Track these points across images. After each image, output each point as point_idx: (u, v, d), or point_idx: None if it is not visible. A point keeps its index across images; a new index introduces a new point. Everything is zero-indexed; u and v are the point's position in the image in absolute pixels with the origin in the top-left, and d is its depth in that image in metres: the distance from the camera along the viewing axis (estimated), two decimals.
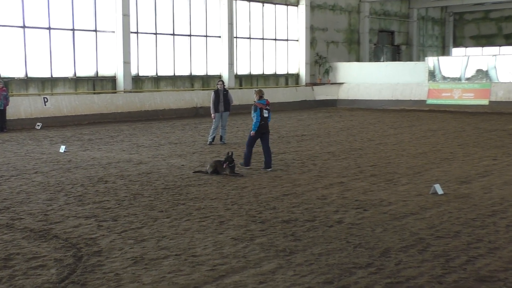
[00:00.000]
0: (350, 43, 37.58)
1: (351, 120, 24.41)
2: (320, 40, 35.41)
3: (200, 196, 9.90)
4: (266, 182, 11.06)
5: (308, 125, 22.32)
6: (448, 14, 46.95)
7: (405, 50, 42.38)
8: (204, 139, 17.68)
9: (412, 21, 42.44)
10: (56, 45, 23.71)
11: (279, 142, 17.16)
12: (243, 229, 7.82)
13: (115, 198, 9.76)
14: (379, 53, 40.63)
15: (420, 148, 15.75)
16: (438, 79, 30.45)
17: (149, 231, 7.71)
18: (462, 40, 47.57)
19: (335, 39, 36.44)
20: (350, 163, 13.34)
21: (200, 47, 29.10)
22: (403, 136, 18.69)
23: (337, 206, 9.10)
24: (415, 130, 20.30)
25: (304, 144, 16.75)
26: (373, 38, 39.55)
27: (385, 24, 40.76)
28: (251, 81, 31.71)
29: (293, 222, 8.17)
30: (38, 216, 8.53)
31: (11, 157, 14.28)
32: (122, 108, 24.60)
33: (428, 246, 7.05)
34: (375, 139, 17.96)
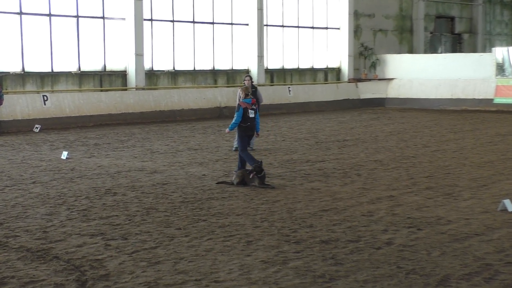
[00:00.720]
0: (401, 32, 37.35)
1: (402, 123, 24.23)
2: (366, 28, 35.26)
3: (224, 211, 9.92)
4: (302, 196, 11.04)
5: (351, 129, 22.22)
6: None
7: (467, 39, 41.95)
8: (229, 144, 17.73)
9: (476, 4, 41.99)
10: (57, 34, 24.01)
11: (317, 149, 17.11)
12: (274, 250, 7.80)
13: (125, 213, 9.84)
14: (436, 43, 40.30)
15: (485, 156, 15.56)
16: (508, 74, 30.04)
17: (165, 252, 7.75)
18: None
19: (383, 26, 36.25)
20: (402, 174, 13.23)
21: (225, 37, 29.23)
22: (465, 141, 18.50)
23: (385, 225, 9.03)
24: (480, 135, 20.07)
25: (347, 151, 16.67)
26: (429, 25, 39.25)
27: (444, 9, 40.41)
28: (284, 77, 31.73)
29: (334, 242, 8.13)
30: (36, 233, 8.64)
31: (5, 165, 14.51)
32: (133, 107, 24.81)
33: (496, 273, 6.95)
34: (431, 145, 17.80)
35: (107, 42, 25.29)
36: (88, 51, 24.89)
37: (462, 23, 41.73)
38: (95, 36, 25.03)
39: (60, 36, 24.12)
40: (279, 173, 13.36)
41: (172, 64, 27.47)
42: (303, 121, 25.21)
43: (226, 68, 29.36)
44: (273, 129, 22.13)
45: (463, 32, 41.82)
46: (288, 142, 18.45)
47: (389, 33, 36.67)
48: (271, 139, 19.33)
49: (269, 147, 17.51)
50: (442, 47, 40.75)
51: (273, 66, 31.30)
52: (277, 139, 19.19)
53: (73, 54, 24.47)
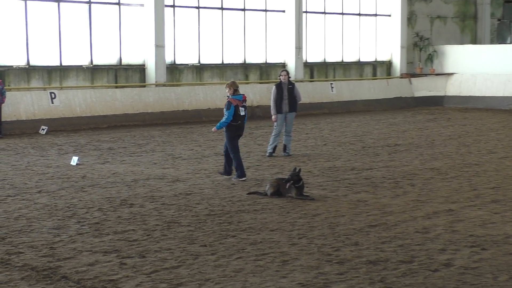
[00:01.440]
0: (463, 19, 37.04)
1: (464, 125, 24.02)
2: (421, 14, 35.06)
3: (256, 226, 9.93)
4: (346, 209, 11.00)
5: (403, 131, 22.09)
6: None
7: None
8: (262, 149, 17.75)
9: None
10: (67, 23, 24.23)
11: (364, 154, 17.05)
12: (314, 271, 7.80)
13: (143, 227, 9.91)
14: (504, 31, 39.91)
15: None
16: None
17: (188, 272, 7.79)
18: None
19: (442, 13, 35.99)
20: (463, 184, 13.13)
21: (258, 25, 29.26)
22: None
23: (444, 243, 8.96)
24: None
25: (398, 157, 16.58)
26: (496, 11, 38.89)
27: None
28: (326, 71, 31.68)
29: (383, 263, 8.10)
30: (42, 249, 8.74)
31: (7, 171, 14.70)
32: (153, 107, 24.95)
33: None
34: (498, 151, 17.63)
35: (123, 32, 25.46)
36: (102, 43, 25.08)
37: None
38: (109, 25, 25.22)
39: (70, 25, 24.32)
40: (319, 182, 13.33)
41: (197, 57, 27.57)
42: (348, 122, 25.12)
43: (259, 62, 29.40)
44: (313, 131, 22.09)
45: None
46: (330, 147, 18.40)
47: (448, 20, 36.38)
48: (311, 143, 19.30)
49: (308, 152, 17.49)
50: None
51: (313, 59, 31.27)
52: (318, 143, 19.15)
53: (84, 45, 24.67)
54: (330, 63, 31.93)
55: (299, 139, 19.95)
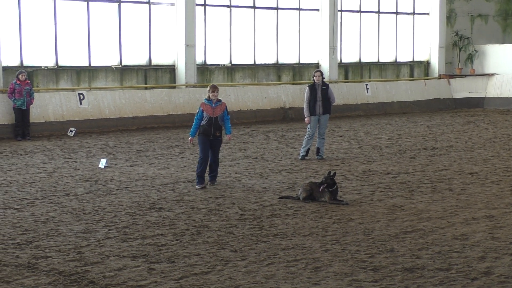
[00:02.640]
0: (505, 17, 36.72)
1: (505, 128, 23.82)
2: (461, 13, 34.82)
3: (288, 231, 9.93)
4: (381, 214, 10.97)
5: (442, 134, 21.96)
6: None
7: None
8: (295, 152, 17.75)
9: None
10: (96, 22, 24.44)
11: (400, 158, 16.98)
12: (347, 278, 7.79)
13: (172, 231, 9.95)
14: None
15: None
16: None
17: (218, 278, 7.81)
18: None
19: (483, 11, 35.71)
20: (504, 189, 13.01)
21: (291, 24, 29.27)
22: None
23: (483, 250, 8.91)
24: None
25: (436, 161, 16.49)
26: None
27: None
28: (361, 72, 31.58)
29: (419, 271, 8.06)
30: (70, 254, 8.82)
31: (35, 174, 14.87)
32: (183, 108, 25.04)
33: None
34: None
35: (153, 32, 25.60)
36: (131, 43, 25.26)
37: None
38: (139, 24, 25.38)
39: (99, 25, 24.52)
40: (354, 186, 13.30)
41: (229, 58, 27.64)
42: (384, 125, 25.02)
43: (292, 62, 29.40)
44: (347, 134, 22.04)
45: None
46: (365, 150, 18.34)
47: (490, 18, 36.09)
48: (345, 146, 19.26)
49: (342, 155, 17.45)
50: None
51: (348, 59, 31.21)
52: (352, 146, 19.11)
53: (113, 46, 24.85)
54: (366, 64, 31.83)
55: (333, 142, 19.91)
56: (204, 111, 13.25)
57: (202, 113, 13.26)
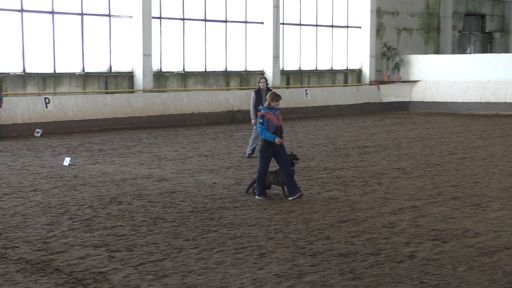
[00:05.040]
0: (427, 31, 37.29)
1: (427, 128, 24.17)
2: (389, 26, 35.23)
3: (235, 221, 9.95)
4: (319, 206, 11.05)
5: (372, 134, 22.19)
6: None
7: (499, 38, 41.81)
8: (242, 150, 17.77)
9: (509, 1, 41.86)
10: (61, 33, 24.16)
11: (336, 155, 17.12)
12: (289, 263, 7.83)
13: (131, 223, 9.90)
14: (465, 42, 40.21)
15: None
16: None
17: (172, 265, 7.79)
18: None
19: (408, 25, 36.21)
20: (426, 183, 13.21)
21: (238, 36, 29.30)
22: (495, 149, 18.44)
23: (408, 237, 9.03)
24: (511, 142, 19.98)
25: (367, 158, 16.66)
26: (457, 23, 39.17)
27: (474, 6, 40.32)
28: (301, 79, 31.75)
29: (352, 255, 8.14)
30: (36, 244, 8.72)
31: (4, 171, 14.62)
32: (140, 111, 24.91)
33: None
34: (458, 152, 17.75)
35: (113, 42, 25.42)
36: (93, 51, 25.02)
37: (493, 21, 41.58)
38: (100, 35, 25.16)
39: (64, 35, 24.26)
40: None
41: (182, 65, 27.57)
42: (321, 126, 25.20)
43: (240, 70, 29.43)
44: (289, 134, 22.12)
45: (495, 31, 41.66)
46: (305, 148, 18.45)
47: (414, 32, 36.61)
48: (287, 145, 19.22)
49: None
50: (472, 47, 40.63)
51: (289, 67, 31.34)
52: (293, 145, 19.18)
53: (77, 54, 24.60)
54: (305, 71, 32.01)
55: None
56: (269, 120, 11.58)
57: (268, 123, 11.57)
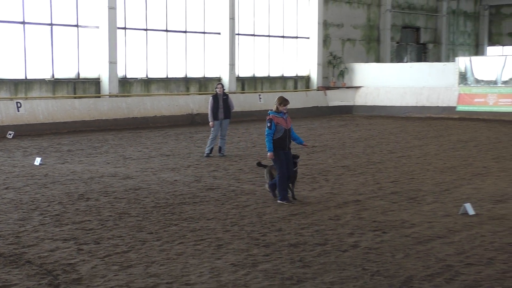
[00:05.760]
0: (368, 41, 37.68)
1: (369, 130, 24.43)
2: (335, 37, 35.52)
3: (195, 216, 9.92)
4: (271, 200, 11.08)
5: (319, 135, 22.33)
6: (483, 7, 47.03)
7: (432, 49, 42.47)
8: (201, 150, 17.72)
9: (441, 15, 42.56)
10: (31, 42, 23.78)
11: None
12: (244, 253, 7.84)
13: (98, 218, 9.79)
14: (402, 52, 40.73)
15: (448, 162, 15.75)
16: (470, 83, 30.47)
17: (137, 256, 7.74)
18: (498, 38, 47.64)
19: (351, 36, 36.54)
20: (368, 179, 13.35)
21: (197, 45, 29.22)
22: (429, 148, 18.71)
23: (352, 228, 9.12)
24: (443, 141, 20.30)
25: (315, 157, 16.76)
26: (395, 35, 39.68)
27: (410, 20, 40.88)
28: (255, 85, 31.81)
29: (302, 246, 8.19)
30: (9, 238, 8.57)
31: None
32: (107, 114, 24.67)
33: (456, 274, 7.06)
34: (397, 151, 17.97)
35: (81, 50, 25.11)
36: (62, 59, 24.67)
37: (427, 34, 42.24)
38: (69, 44, 24.83)
39: (34, 44, 23.88)
40: (249, 178, 13.40)
41: (145, 72, 27.37)
42: None
43: (198, 76, 29.35)
44: (244, 135, 22.16)
45: (428, 42, 42.33)
46: (259, 148, 18.48)
47: (357, 42, 36.97)
48: (242, 145, 19.36)
49: (240, 153, 17.54)
50: (408, 56, 41.17)
51: (244, 74, 31.35)
52: (248, 145, 19.23)
53: (47, 61, 24.24)
54: (259, 78, 32.07)
55: (232, 141, 19.98)
56: (277, 124, 10.91)
57: (276, 126, 10.90)
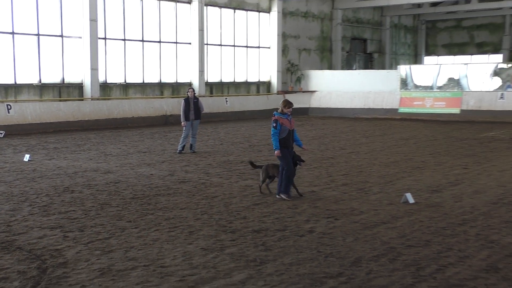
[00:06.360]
0: (322, 51, 37.91)
1: (323, 129, 24.58)
2: (292, 47, 35.66)
3: (169, 206, 9.88)
4: (237, 191, 11.08)
5: None
6: (420, 22, 47.73)
7: (377, 58, 42.91)
8: (174, 147, 17.64)
9: (384, 29, 43.03)
10: (20, 50, 23.46)
11: (250, 151, 17.21)
12: (213, 239, 7.83)
13: (82, 208, 9.69)
14: (351, 61, 41.06)
15: (391, 157, 15.93)
16: (410, 88, 30.89)
17: (117, 242, 7.68)
18: (434, 49, 48.38)
19: (307, 46, 36.73)
20: (322, 172, 13.44)
21: (170, 54, 29.08)
22: (375, 145, 18.89)
23: (308, 216, 9.15)
24: (387, 139, 20.51)
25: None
26: (345, 45, 39.98)
27: (358, 32, 41.24)
28: (222, 89, 31.77)
29: (264, 232, 8.21)
30: (1, 227, 8.42)
31: None
32: (89, 116, 24.41)
33: (398, 255, 7.16)
34: (347, 148, 18.12)
35: (65, 58, 24.85)
36: (48, 65, 24.39)
37: (373, 44, 42.68)
38: (54, 52, 24.55)
39: (23, 52, 23.57)
40: (217, 172, 13.38)
41: (124, 77, 27.16)
42: (238, 127, 25.28)
43: (171, 81, 29.21)
44: (212, 134, 22.13)
45: (374, 52, 42.77)
46: (226, 146, 18.48)
47: (312, 52, 37.17)
48: (211, 143, 19.33)
49: (209, 150, 17.51)
50: (356, 64, 41.55)
51: (212, 79, 31.30)
52: (216, 143, 19.21)
53: (34, 68, 23.95)
54: (225, 83, 32.04)
55: (202, 140, 19.94)
56: (282, 125, 10.40)
57: (281, 127, 10.40)
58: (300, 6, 35.91)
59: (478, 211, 9.50)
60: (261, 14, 33.39)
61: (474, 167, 14.10)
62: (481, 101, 29.06)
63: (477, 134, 22.04)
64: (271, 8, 33.55)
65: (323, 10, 37.50)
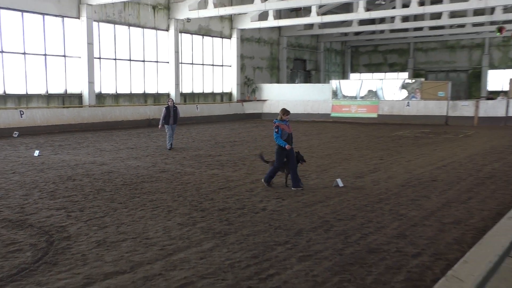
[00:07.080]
0: (271, 69, 38.07)
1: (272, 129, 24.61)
2: (248, 66, 35.67)
3: (152, 190, 9.77)
4: (206, 179, 11.03)
5: (238, 133, 22.39)
6: (347, 47, 48.40)
7: (314, 74, 43.34)
8: (156, 144, 17.43)
9: (319, 52, 43.49)
10: (30, 67, 22.83)
11: (216, 147, 17.15)
12: (187, 216, 7.78)
13: (82, 193, 9.48)
14: (294, 76, 41.36)
15: (326, 151, 16.08)
16: (340, 97, 31.30)
17: (110, 219, 7.55)
18: (357, 67, 49.14)
19: (260, 65, 36.80)
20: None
21: (152, 70, 28.71)
22: (313, 141, 19.03)
23: (262, 197, 9.18)
24: (322, 137, 20.69)
25: (236, 148, 16.80)
26: (289, 64, 40.23)
27: (299, 54, 41.55)
28: (194, 98, 31.56)
29: (227, 210, 8.20)
30: (16, 209, 8.18)
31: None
32: (87, 119, 23.92)
33: (331, 226, 7.25)
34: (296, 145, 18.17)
35: (67, 73, 24.27)
36: (54, 79, 23.78)
37: (311, 64, 43.05)
38: (58, 68, 23.95)
39: (33, 68, 22.92)
40: (190, 164, 13.28)
41: (115, 89, 26.69)
42: (206, 128, 25.15)
43: (153, 92, 28.84)
44: (186, 134, 21.95)
45: (312, 70, 43.15)
46: (197, 143, 18.37)
47: (263, 69, 37.25)
48: (185, 140, 19.18)
49: (183, 146, 17.37)
50: (298, 79, 41.85)
51: (186, 90, 31.03)
52: (189, 141, 19.07)
53: (42, 81, 23.32)
54: (196, 93, 31.80)
55: (178, 138, 19.76)
56: (283, 130, 9.95)
57: (282, 131, 9.94)
58: (254, 34, 35.95)
59: (391, 192, 9.70)
60: (224, 39, 33.26)
61: (387, 158, 14.38)
62: (392, 108, 29.66)
63: (390, 133, 22.47)
64: (231, 35, 33.46)
65: (272, 37, 37.61)
